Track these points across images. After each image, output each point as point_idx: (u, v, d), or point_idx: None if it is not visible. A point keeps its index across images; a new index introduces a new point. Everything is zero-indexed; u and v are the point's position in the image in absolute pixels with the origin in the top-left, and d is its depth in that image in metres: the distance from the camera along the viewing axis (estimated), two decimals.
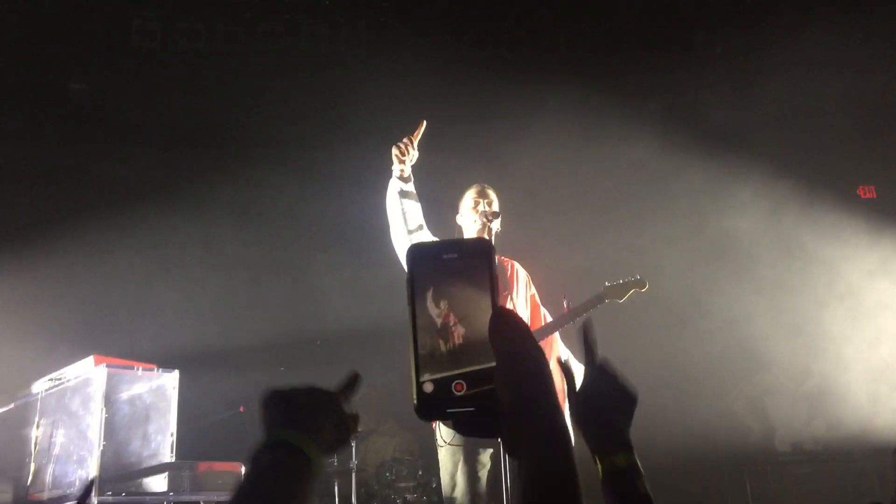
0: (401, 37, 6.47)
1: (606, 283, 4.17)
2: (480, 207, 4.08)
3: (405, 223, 3.85)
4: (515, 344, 0.85)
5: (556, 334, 4.09)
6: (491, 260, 0.93)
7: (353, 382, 1.10)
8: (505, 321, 0.87)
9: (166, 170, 6.10)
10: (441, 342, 0.89)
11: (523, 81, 6.30)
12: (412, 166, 3.89)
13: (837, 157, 6.75)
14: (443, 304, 0.91)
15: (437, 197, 4.25)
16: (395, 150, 3.84)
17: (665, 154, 6.26)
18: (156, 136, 6.22)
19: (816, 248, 6.49)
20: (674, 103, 6.68)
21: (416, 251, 0.94)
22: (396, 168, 3.85)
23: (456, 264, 0.93)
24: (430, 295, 0.92)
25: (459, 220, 4.24)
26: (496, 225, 4.02)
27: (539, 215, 5.74)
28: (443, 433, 3.78)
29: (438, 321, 0.90)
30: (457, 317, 0.90)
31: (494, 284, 0.92)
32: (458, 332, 0.90)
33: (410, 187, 3.88)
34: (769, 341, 6.45)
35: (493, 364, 0.86)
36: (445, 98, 6.13)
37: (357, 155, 5.94)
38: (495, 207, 4.11)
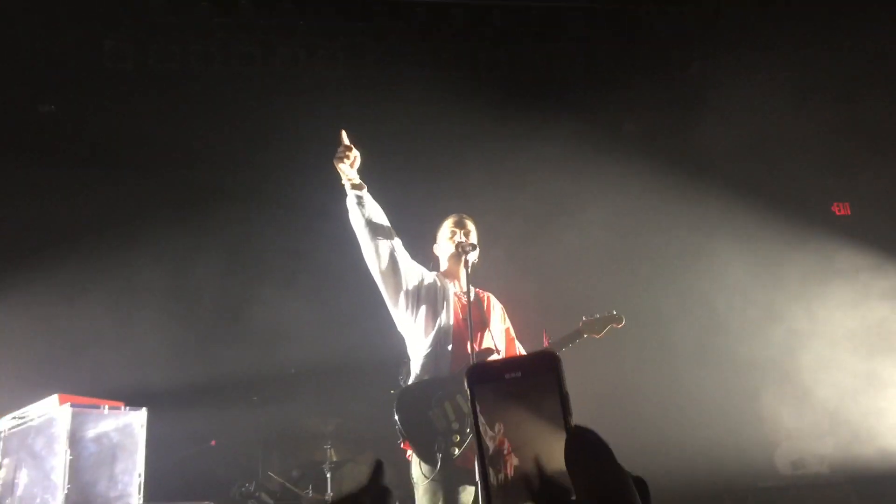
0: (378, 58, 6.42)
1: (584, 319, 4.14)
2: (457, 238, 4.02)
3: (371, 234, 3.78)
4: (605, 474, 0.73)
5: None
6: (560, 377, 0.85)
7: (379, 470, 1.02)
8: (585, 444, 0.76)
9: (135, 198, 5.97)
10: (494, 472, 0.82)
11: (502, 104, 6.27)
12: (361, 175, 3.85)
13: (812, 175, 6.77)
14: (498, 429, 0.85)
15: (412, 226, 4.17)
16: (339, 163, 3.78)
17: (644, 177, 6.25)
18: (124, 162, 6.09)
19: (801, 266, 6.51)
20: (651, 125, 6.67)
21: (474, 371, 0.88)
22: (345, 180, 3.79)
23: (520, 383, 0.85)
24: (485, 418, 0.85)
25: (436, 250, 4.18)
26: (473, 256, 3.96)
27: (514, 245, 5.68)
28: (423, 469, 3.69)
29: (492, 446, 0.84)
30: (512, 444, 0.83)
31: (566, 404, 0.84)
32: (512, 463, 0.83)
33: (366, 193, 3.82)
34: (767, 359, 6.44)
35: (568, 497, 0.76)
36: (423, 123, 6.09)
37: (332, 181, 5.86)
38: (473, 238, 4.05)
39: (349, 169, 3.79)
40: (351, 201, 3.80)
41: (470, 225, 4.11)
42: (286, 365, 5.67)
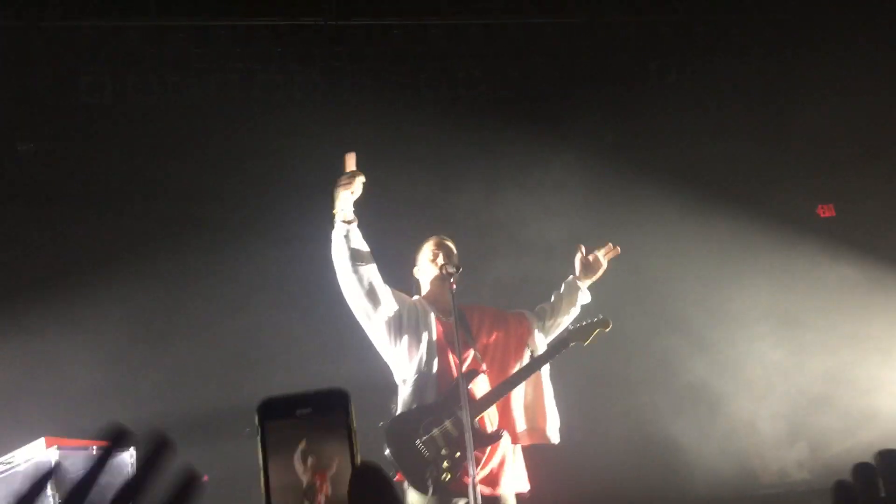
0: (357, 80, 6.43)
1: (570, 327, 4.12)
2: (439, 260, 4.00)
3: (353, 268, 3.73)
4: None
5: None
6: (348, 413, 0.87)
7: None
8: (368, 482, 0.80)
9: (117, 233, 5.93)
10: None
11: (482, 122, 6.28)
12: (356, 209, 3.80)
13: (796, 178, 6.79)
14: (310, 462, 0.86)
15: (390, 249, 4.16)
16: (341, 190, 3.72)
17: (624, 187, 6.26)
18: (105, 196, 6.06)
19: (784, 269, 6.52)
20: (631, 135, 6.69)
21: (264, 407, 0.88)
22: (339, 210, 3.73)
23: (312, 419, 0.87)
24: (297, 452, 0.86)
25: (417, 273, 4.16)
26: (456, 276, 3.94)
27: (497, 260, 5.67)
28: (415, 498, 3.66)
29: (304, 480, 0.85)
30: (322, 478, 0.85)
31: (353, 440, 0.87)
32: (326, 493, 0.84)
33: (354, 227, 3.77)
34: (745, 366, 6.44)
35: None
36: (402, 143, 6.09)
37: (318, 208, 5.86)
38: (454, 259, 4.04)
39: (349, 198, 3.72)
40: (339, 234, 3.74)
41: (451, 246, 4.09)
42: (278, 393, 5.59)
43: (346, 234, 3.73)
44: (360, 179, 3.72)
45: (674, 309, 6.28)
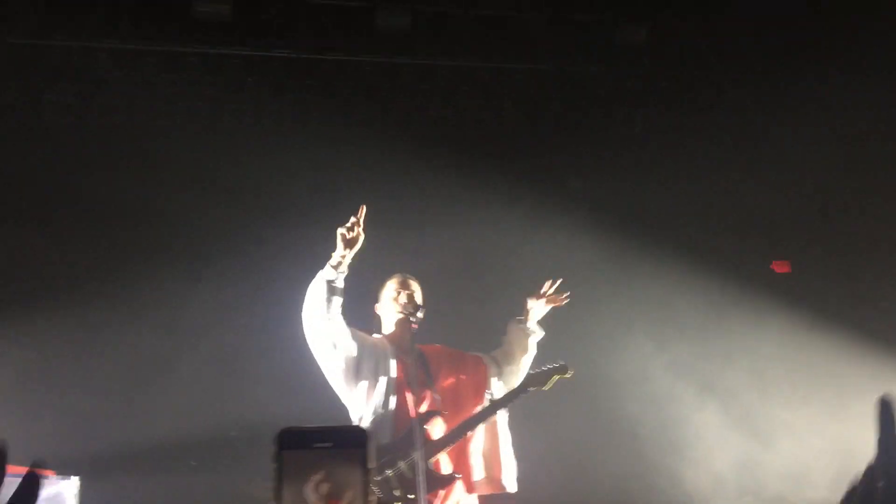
0: (327, 114, 6.43)
1: (529, 371, 4.12)
2: (401, 299, 3.99)
3: (323, 314, 3.73)
4: None
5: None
6: (366, 450, 0.92)
7: None
8: None
9: (72, 256, 5.80)
10: None
11: (450, 161, 6.32)
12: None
13: (751, 233, 6.92)
14: (323, 490, 0.90)
15: (352, 282, 4.14)
16: (341, 231, 3.75)
17: (589, 231, 6.34)
18: (63, 217, 5.95)
19: (737, 321, 6.62)
20: (596, 182, 6.77)
21: (284, 436, 0.93)
22: (337, 255, 3.73)
23: (332, 452, 0.91)
24: (312, 481, 0.90)
25: (378, 309, 4.14)
26: (418, 316, 3.93)
27: (461, 300, 5.68)
28: None
29: None
30: None
31: (369, 478, 0.92)
32: None
33: (341, 282, 3.77)
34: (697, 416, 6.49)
35: None
36: (370, 177, 6.10)
37: (284, 241, 5.83)
38: (418, 299, 4.03)
39: (352, 251, 3.75)
40: (323, 278, 3.74)
41: (414, 286, 4.09)
42: (226, 427, 5.48)
43: (332, 281, 3.72)
44: (362, 237, 3.76)
45: (633, 358, 6.33)
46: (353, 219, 3.77)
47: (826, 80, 6.29)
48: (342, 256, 3.73)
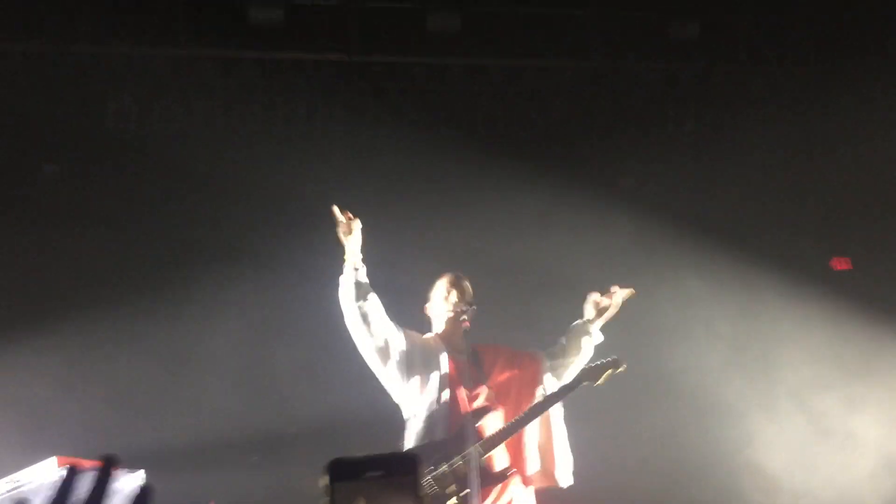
0: (377, 116, 6.50)
1: (583, 366, 4.12)
2: (452, 298, 4.02)
3: (361, 314, 3.81)
4: None
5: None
6: (417, 477, 0.91)
7: None
8: None
9: (135, 257, 5.98)
10: None
11: (500, 161, 6.32)
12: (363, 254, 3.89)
13: (809, 231, 6.78)
14: None
15: (404, 285, 4.20)
16: (344, 236, 3.84)
17: (640, 232, 6.28)
18: (126, 221, 6.13)
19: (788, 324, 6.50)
20: (647, 180, 6.71)
21: (334, 468, 0.92)
22: (348, 257, 3.83)
23: (381, 482, 0.90)
24: None
25: (429, 310, 4.18)
26: (470, 315, 3.96)
27: (512, 299, 5.68)
28: None
29: None
30: None
31: None
32: None
33: (363, 276, 3.85)
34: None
35: None
36: (420, 178, 6.14)
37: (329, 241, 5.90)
38: (469, 296, 4.06)
39: (355, 244, 3.82)
40: (348, 279, 3.83)
41: (466, 284, 4.12)
42: (287, 424, 5.60)
43: (354, 281, 3.81)
44: (358, 225, 3.82)
45: (687, 355, 6.25)
46: (343, 220, 3.84)
47: (889, 71, 6.12)
48: (353, 255, 3.84)
